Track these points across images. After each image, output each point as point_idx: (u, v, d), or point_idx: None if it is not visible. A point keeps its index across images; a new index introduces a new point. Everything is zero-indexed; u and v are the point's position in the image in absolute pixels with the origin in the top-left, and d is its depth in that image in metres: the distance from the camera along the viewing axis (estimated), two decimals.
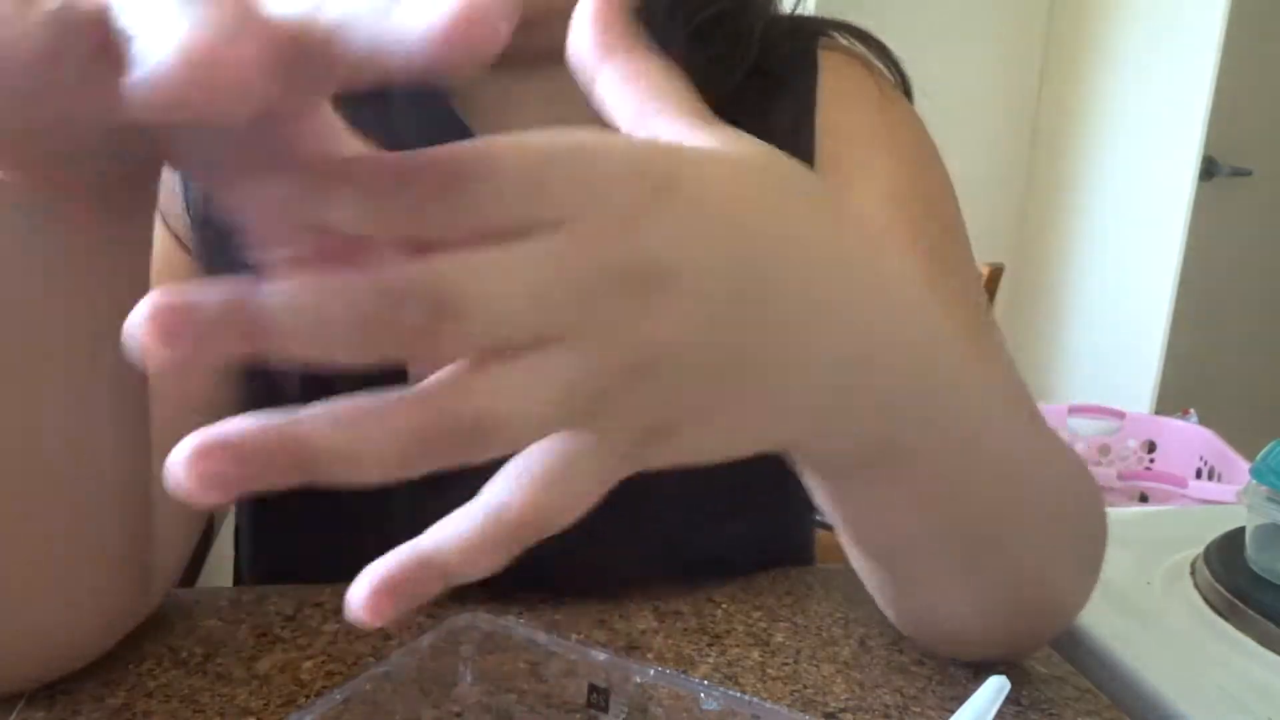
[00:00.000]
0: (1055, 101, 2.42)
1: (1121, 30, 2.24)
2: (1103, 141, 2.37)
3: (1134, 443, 1.83)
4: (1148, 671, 0.46)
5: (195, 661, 0.44)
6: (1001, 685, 0.40)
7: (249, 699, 0.42)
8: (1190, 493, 1.55)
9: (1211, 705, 0.44)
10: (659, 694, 0.38)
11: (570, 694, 0.39)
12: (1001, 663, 0.47)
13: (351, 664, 0.45)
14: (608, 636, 0.48)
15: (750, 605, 0.52)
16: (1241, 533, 0.56)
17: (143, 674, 0.43)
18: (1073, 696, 0.46)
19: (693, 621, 0.50)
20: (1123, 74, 2.26)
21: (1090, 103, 2.35)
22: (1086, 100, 2.36)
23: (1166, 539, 0.61)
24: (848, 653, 0.48)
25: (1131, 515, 0.72)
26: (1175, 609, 0.54)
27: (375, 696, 0.36)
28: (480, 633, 0.40)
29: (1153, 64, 2.16)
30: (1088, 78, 2.35)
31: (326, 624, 0.48)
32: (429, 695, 0.39)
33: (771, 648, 0.48)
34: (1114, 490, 1.58)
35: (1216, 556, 0.56)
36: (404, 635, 0.47)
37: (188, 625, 0.47)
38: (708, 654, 0.47)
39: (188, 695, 0.42)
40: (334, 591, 0.51)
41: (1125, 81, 2.25)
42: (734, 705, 0.36)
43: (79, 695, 0.41)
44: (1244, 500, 0.54)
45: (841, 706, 0.44)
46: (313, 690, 0.43)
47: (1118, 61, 2.27)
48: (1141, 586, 0.56)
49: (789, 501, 0.50)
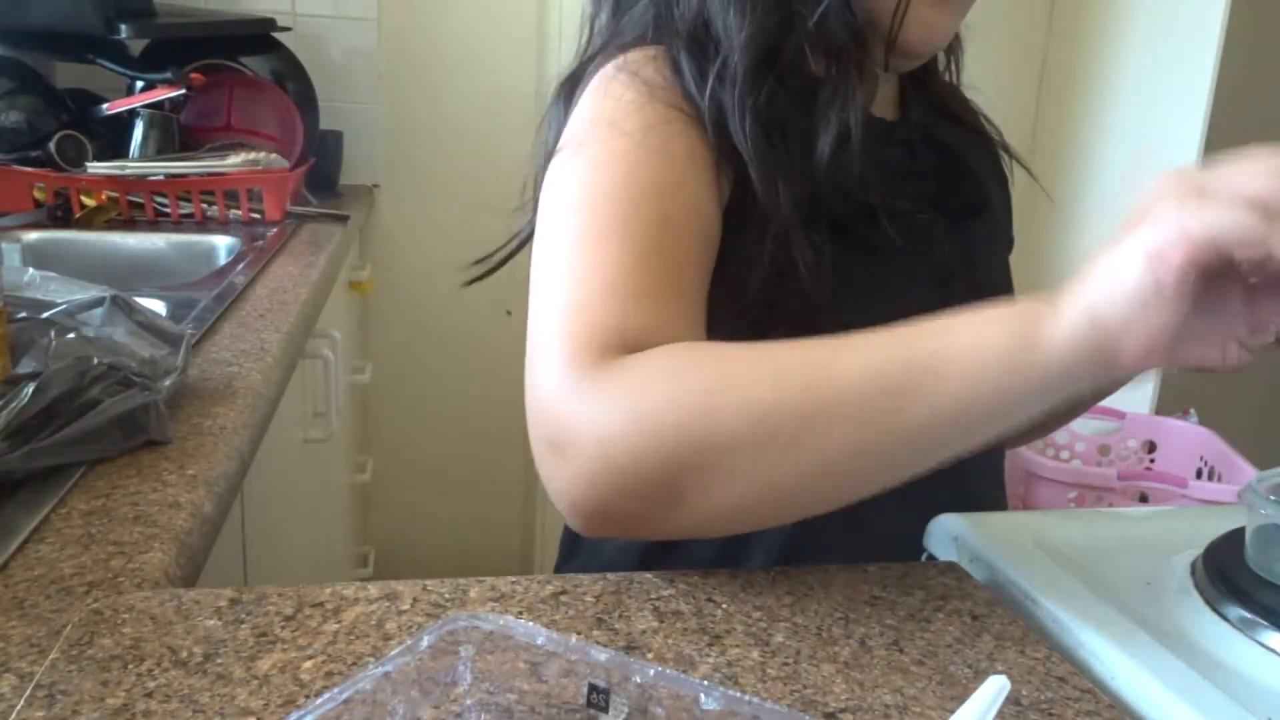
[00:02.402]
0: (1055, 102, 2.42)
1: (1121, 30, 2.24)
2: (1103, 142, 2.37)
3: (1134, 443, 1.83)
4: (1148, 671, 0.46)
5: (195, 661, 0.44)
6: (1002, 685, 0.40)
7: (249, 699, 0.42)
8: (1190, 493, 1.55)
9: (1211, 705, 0.44)
10: (659, 694, 0.38)
11: (570, 694, 0.39)
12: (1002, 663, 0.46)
13: (351, 664, 0.45)
14: (608, 636, 0.48)
15: (750, 605, 0.52)
16: (1241, 533, 0.56)
17: (143, 674, 0.43)
18: (1073, 696, 0.46)
19: (693, 621, 0.50)
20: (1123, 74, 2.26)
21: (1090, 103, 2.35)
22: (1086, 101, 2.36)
23: (1166, 539, 0.61)
24: (848, 653, 0.48)
25: (1131, 515, 0.72)
26: (1175, 609, 0.54)
27: (375, 696, 0.36)
28: (480, 633, 0.40)
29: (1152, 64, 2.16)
30: (1087, 78, 2.35)
31: (326, 624, 0.48)
32: (429, 695, 0.39)
33: (771, 648, 0.48)
34: (1114, 490, 1.58)
35: (1216, 556, 0.56)
36: (404, 635, 0.47)
37: (188, 625, 0.47)
38: (708, 654, 0.47)
39: (188, 695, 0.42)
40: (334, 591, 0.51)
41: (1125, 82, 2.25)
42: (734, 705, 0.36)
43: (79, 695, 0.41)
44: (1244, 500, 0.54)
45: (841, 706, 0.44)
46: (313, 690, 0.43)
47: (1118, 62, 2.27)
48: (1141, 586, 0.56)
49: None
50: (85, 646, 0.45)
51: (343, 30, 2.03)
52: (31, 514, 0.59)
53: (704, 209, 0.61)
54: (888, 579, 0.56)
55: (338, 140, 1.98)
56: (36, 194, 1.50)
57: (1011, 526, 0.61)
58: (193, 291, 1.14)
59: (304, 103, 1.84)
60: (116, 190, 1.53)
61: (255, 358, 0.91)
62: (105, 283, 0.88)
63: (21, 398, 0.63)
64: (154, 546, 0.56)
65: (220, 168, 1.57)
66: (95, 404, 0.66)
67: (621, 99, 0.63)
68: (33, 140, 1.60)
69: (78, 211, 1.50)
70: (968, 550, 0.59)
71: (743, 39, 0.64)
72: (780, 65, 0.64)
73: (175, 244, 1.48)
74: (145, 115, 1.65)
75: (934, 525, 0.63)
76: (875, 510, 0.54)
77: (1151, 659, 0.47)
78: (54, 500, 0.61)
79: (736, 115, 0.62)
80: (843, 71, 0.65)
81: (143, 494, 0.62)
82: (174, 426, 0.72)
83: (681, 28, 0.66)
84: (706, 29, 0.66)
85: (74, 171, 1.54)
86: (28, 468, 0.62)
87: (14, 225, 1.44)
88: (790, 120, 0.64)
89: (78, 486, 0.63)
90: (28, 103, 1.65)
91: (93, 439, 0.65)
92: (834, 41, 0.65)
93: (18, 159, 1.55)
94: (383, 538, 2.27)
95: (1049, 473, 1.59)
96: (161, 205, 1.55)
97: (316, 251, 1.43)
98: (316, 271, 1.30)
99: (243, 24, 1.85)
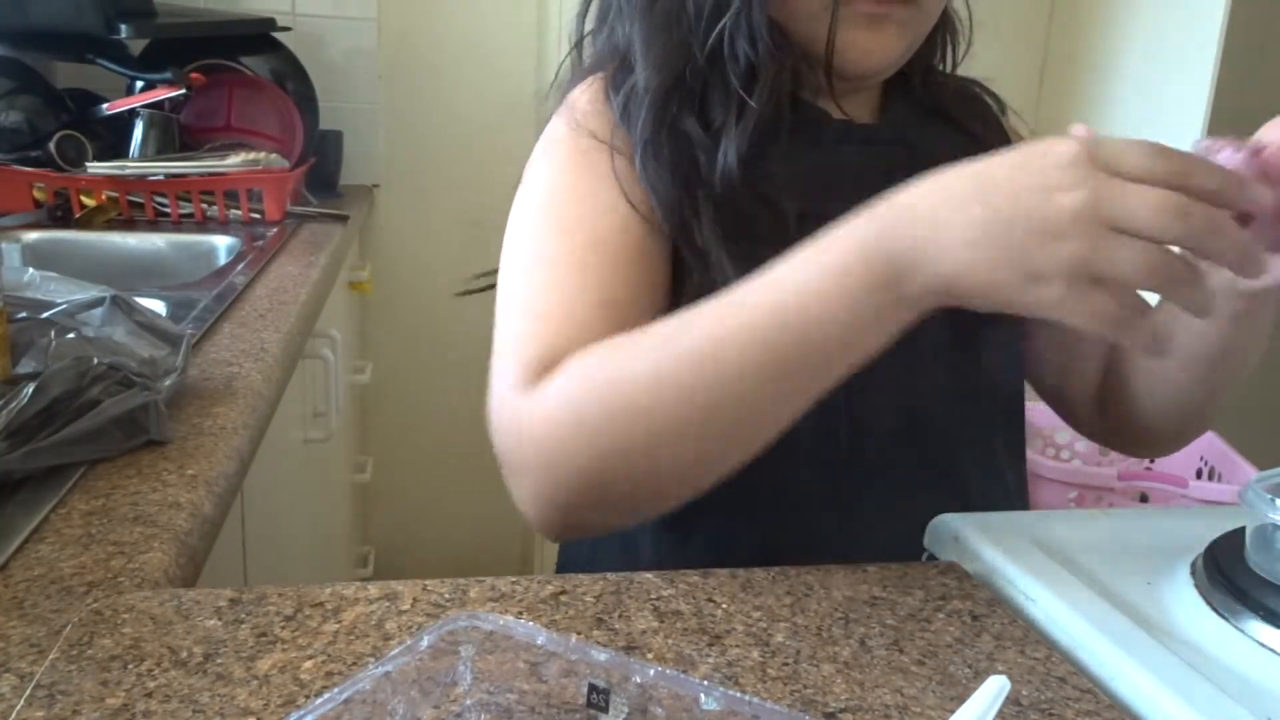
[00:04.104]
0: (1055, 102, 2.42)
1: (1122, 31, 2.24)
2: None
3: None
4: (1148, 671, 0.46)
5: (195, 661, 0.44)
6: (1002, 685, 0.40)
7: (249, 699, 0.42)
8: (1190, 493, 1.55)
9: (1212, 705, 0.44)
10: (659, 694, 0.38)
11: (570, 694, 0.39)
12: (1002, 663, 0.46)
13: (351, 664, 0.45)
14: (608, 636, 0.48)
15: (750, 605, 0.52)
16: (1241, 533, 0.56)
17: (143, 674, 0.43)
18: (1073, 696, 0.46)
19: (693, 621, 0.50)
20: (1123, 75, 2.26)
21: (1090, 104, 2.35)
22: (1087, 101, 2.36)
23: (1166, 539, 0.61)
24: (848, 653, 0.48)
25: (1131, 515, 0.72)
26: (1175, 609, 0.54)
27: (375, 696, 0.36)
28: (480, 633, 0.40)
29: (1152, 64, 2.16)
30: (1088, 78, 2.35)
31: (326, 624, 0.48)
32: (429, 695, 0.39)
33: (771, 648, 0.48)
34: (1114, 490, 1.58)
35: (1216, 556, 0.56)
36: (404, 635, 0.47)
37: (188, 625, 0.47)
38: (708, 654, 0.47)
39: (188, 695, 0.42)
40: (334, 591, 0.51)
41: (1125, 82, 2.25)
42: (734, 705, 0.36)
43: (79, 695, 0.41)
44: (1244, 500, 0.54)
45: (841, 706, 0.44)
46: (313, 690, 0.43)
47: (1118, 62, 2.27)
48: (1141, 586, 0.56)
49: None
50: (85, 646, 0.45)
51: (343, 30, 2.02)
52: (31, 514, 0.59)
53: (636, 228, 0.64)
54: (888, 579, 0.56)
55: (338, 140, 1.98)
56: (36, 194, 1.50)
57: (1011, 526, 0.61)
58: (193, 291, 1.14)
59: (304, 103, 1.84)
60: (116, 190, 1.53)
61: (255, 358, 0.91)
62: (105, 283, 0.88)
63: (21, 398, 0.63)
64: (154, 546, 0.56)
65: (220, 168, 1.57)
66: (95, 404, 0.66)
67: (560, 132, 0.69)
68: (33, 140, 1.59)
69: (78, 211, 1.50)
70: (968, 550, 0.59)
71: (644, 77, 0.66)
72: (683, 98, 0.66)
73: (175, 244, 1.48)
74: (145, 115, 1.65)
75: (934, 525, 0.63)
76: (875, 513, 0.54)
77: (1151, 659, 0.47)
78: (54, 500, 0.61)
79: (638, 152, 0.65)
80: (758, 99, 0.66)
81: (143, 494, 0.62)
82: (174, 426, 0.72)
83: (614, 59, 0.71)
84: (623, 63, 0.70)
85: (74, 171, 1.54)
86: (28, 468, 0.62)
87: (14, 225, 1.44)
88: (695, 150, 0.66)
89: (78, 486, 0.63)
90: (28, 103, 1.65)
91: (93, 439, 0.65)
92: (740, 76, 0.66)
93: (18, 159, 1.55)
94: (383, 538, 2.27)
95: (1049, 473, 1.59)
96: (161, 205, 1.55)
97: (316, 251, 1.43)
98: (316, 271, 1.30)
99: (243, 24, 1.85)
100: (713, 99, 0.67)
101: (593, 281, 0.62)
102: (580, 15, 0.76)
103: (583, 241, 0.63)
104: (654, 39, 0.67)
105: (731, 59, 0.66)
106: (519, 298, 0.63)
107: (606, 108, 0.68)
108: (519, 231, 0.67)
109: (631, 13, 0.69)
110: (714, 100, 0.67)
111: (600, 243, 0.63)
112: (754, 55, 0.66)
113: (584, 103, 0.69)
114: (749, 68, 0.66)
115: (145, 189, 1.54)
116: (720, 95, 0.67)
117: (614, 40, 0.72)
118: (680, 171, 0.65)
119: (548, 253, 0.64)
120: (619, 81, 0.68)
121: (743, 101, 0.66)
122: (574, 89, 0.71)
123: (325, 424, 1.41)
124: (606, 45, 0.73)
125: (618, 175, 0.65)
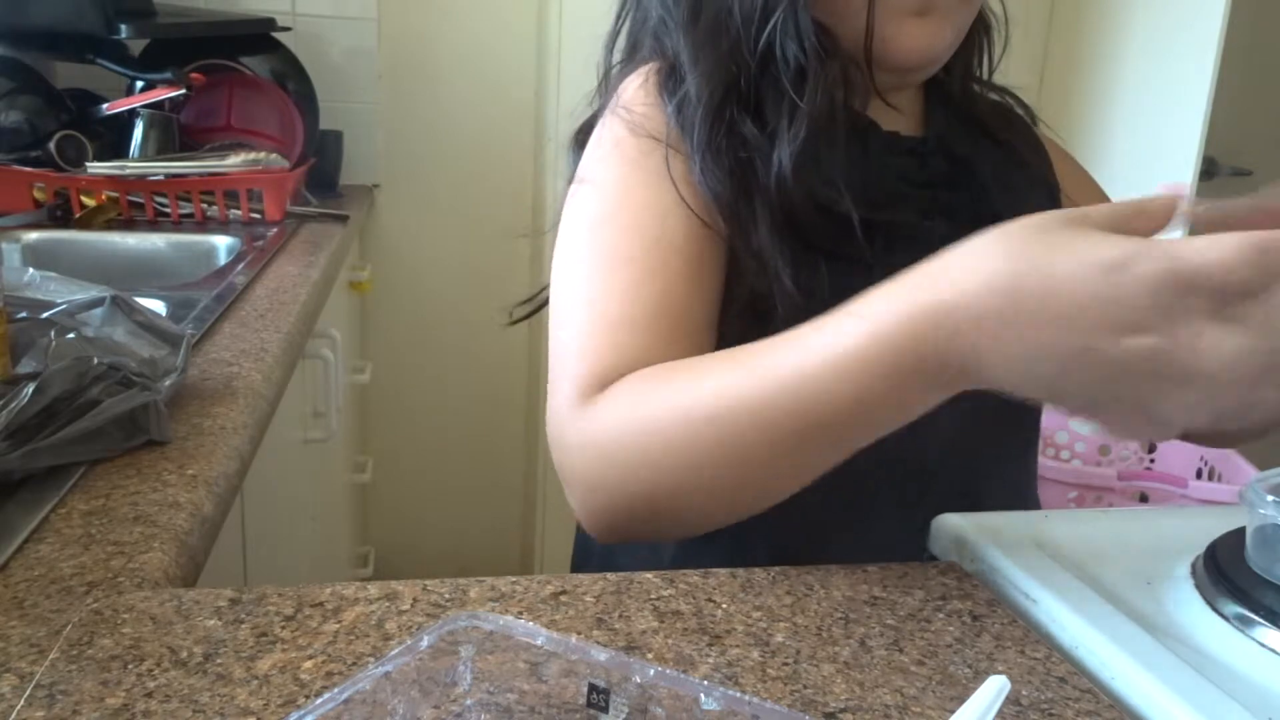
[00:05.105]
0: (1055, 102, 2.42)
1: (1121, 30, 2.24)
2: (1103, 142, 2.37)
3: (1134, 442, 1.83)
4: (1148, 671, 0.46)
5: (195, 661, 0.44)
6: (1002, 685, 0.40)
7: (249, 699, 0.42)
8: (1190, 493, 1.55)
9: (1212, 705, 0.44)
10: (659, 694, 0.38)
11: (570, 694, 0.39)
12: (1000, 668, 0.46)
13: (351, 664, 0.45)
14: (608, 636, 0.48)
15: (750, 605, 0.52)
16: (1241, 533, 0.56)
17: (143, 674, 0.43)
18: (1073, 696, 0.46)
19: (693, 621, 0.50)
20: (1123, 74, 2.26)
21: (1090, 103, 2.35)
22: (1086, 101, 2.36)
23: (1166, 539, 0.61)
24: (848, 653, 0.48)
25: (1131, 515, 0.72)
26: (1175, 609, 0.54)
27: (375, 696, 0.36)
28: (480, 633, 0.40)
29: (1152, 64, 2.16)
30: (1087, 78, 2.35)
31: (326, 624, 0.48)
32: (429, 695, 0.39)
33: (771, 648, 0.48)
34: (1114, 490, 1.58)
35: (1216, 556, 0.56)
36: (404, 635, 0.47)
37: (188, 625, 0.47)
38: (708, 654, 0.47)
39: (188, 695, 0.42)
40: (334, 591, 0.51)
41: (1125, 82, 2.25)
42: (734, 705, 0.36)
43: (79, 695, 0.41)
44: (1244, 500, 0.54)
45: (841, 706, 0.44)
46: (313, 690, 0.43)
47: (1118, 62, 2.27)
48: (1141, 586, 0.56)
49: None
50: (85, 646, 0.45)
51: (343, 30, 2.03)
52: (31, 514, 0.59)
53: (696, 232, 0.65)
54: (888, 579, 0.56)
55: (338, 140, 1.98)
56: (36, 194, 1.50)
57: (1011, 526, 0.61)
58: (193, 291, 1.14)
59: (304, 102, 1.84)
60: (116, 190, 1.53)
61: (255, 358, 0.91)
62: (105, 283, 0.88)
63: (21, 398, 0.63)
64: (154, 546, 0.56)
65: (220, 168, 1.57)
66: (95, 404, 0.66)
67: (617, 132, 0.68)
68: (33, 140, 1.60)
69: (78, 211, 1.50)
70: (968, 550, 0.59)
71: (696, 87, 0.67)
72: (738, 104, 0.67)
73: (175, 244, 1.48)
74: (145, 115, 1.65)
75: (935, 525, 0.63)
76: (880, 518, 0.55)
77: (1151, 659, 0.47)
78: (54, 500, 0.61)
79: (697, 159, 0.65)
80: (809, 100, 0.66)
81: (143, 494, 0.62)
82: (174, 426, 0.72)
83: (664, 63, 0.71)
84: (674, 68, 0.69)
85: (74, 171, 1.54)
86: (28, 468, 0.62)
87: (14, 225, 1.44)
88: (753, 154, 0.66)
89: (78, 486, 0.63)
90: (28, 103, 1.65)
91: (93, 439, 0.65)
92: (791, 79, 0.66)
93: (18, 159, 1.55)
94: (383, 538, 2.27)
95: (1049, 473, 1.59)
96: (161, 205, 1.55)
97: (316, 251, 1.43)
98: (316, 271, 1.30)
99: (243, 24, 1.85)
100: (766, 101, 0.67)
101: (654, 289, 0.62)
102: (608, 47, 0.76)
103: (645, 248, 0.63)
104: (702, 51, 0.67)
105: (781, 61, 0.67)
106: (577, 306, 0.63)
107: (660, 103, 0.68)
108: (577, 237, 0.66)
109: (675, 27, 0.69)
110: (768, 102, 0.67)
111: (662, 248, 0.63)
112: (802, 57, 0.66)
113: (640, 101, 0.69)
114: (799, 70, 0.66)
115: (145, 189, 1.54)
116: (773, 98, 0.67)
117: (660, 46, 0.72)
118: (737, 174, 0.65)
119: (605, 261, 0.64)
120: (671, 86, 0.68)
121: (794, 104, 0.66)
122: (624, 81, 0.71)
123: (325, 424, 1.41)
124: (653, 49, 0.73)
125: (675, 178, 0.65)
